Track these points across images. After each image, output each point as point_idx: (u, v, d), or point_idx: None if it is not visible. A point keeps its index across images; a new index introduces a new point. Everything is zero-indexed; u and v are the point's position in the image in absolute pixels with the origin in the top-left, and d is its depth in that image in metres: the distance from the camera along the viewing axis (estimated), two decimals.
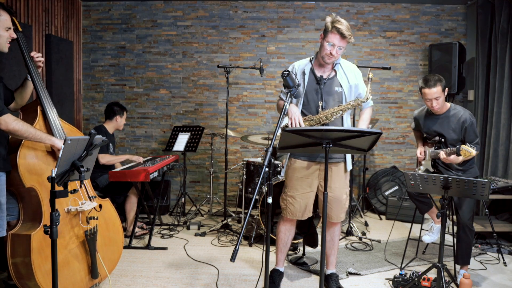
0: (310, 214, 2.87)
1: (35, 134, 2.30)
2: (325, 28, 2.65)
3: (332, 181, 2.77)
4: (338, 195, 2.79)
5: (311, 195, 2.81)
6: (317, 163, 2.76)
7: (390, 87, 5.40)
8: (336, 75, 2.76)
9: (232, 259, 1.91)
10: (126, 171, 3.48)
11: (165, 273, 3.19)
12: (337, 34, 2.58)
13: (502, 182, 3.85)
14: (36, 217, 2.39)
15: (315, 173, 2.77)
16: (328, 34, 2.61)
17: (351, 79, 2.76)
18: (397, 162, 5.43)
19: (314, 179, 2.78)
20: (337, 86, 2.73)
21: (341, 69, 2.77)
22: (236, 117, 5.44)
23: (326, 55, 2.65)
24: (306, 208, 2.82)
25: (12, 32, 2.31)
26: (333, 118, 2.67)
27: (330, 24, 2.60)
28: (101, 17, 5.43)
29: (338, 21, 2.59)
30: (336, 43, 2.60)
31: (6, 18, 2.26)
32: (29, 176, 2.33)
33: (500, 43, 4.40)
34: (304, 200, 2.79)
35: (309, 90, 2.74)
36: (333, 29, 2.58)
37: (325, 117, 2.66)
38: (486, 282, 3.13)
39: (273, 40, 5.34)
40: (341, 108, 2.66)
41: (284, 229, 2.93)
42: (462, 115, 3.01)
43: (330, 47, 2.61)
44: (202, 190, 5.51)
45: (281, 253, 2.99)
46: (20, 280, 2.34)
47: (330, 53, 2.62)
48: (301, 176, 2.78)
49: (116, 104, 4.18)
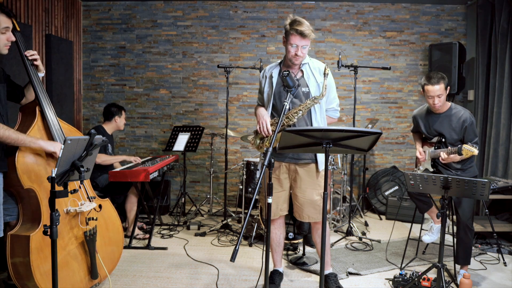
0: (284, 212, 2.88)
1: (18, 139, 2.25)
2: (285, 30, 2.66)
3: (302, 182, 2.77)
4: (308, 196, 2.78)
5: (281, 194, 2.83)
6: (286, 163, 2.79)
7: (390, 87, 5.40)
8: (303, 76, 2.75)
9: (232, 259, 1.91)
10: (126, 171, 3.48)
11: (165, 273, 3.19)
12: (297, 35, 2.58)
13: (502, 182, 3.85)
14: (35, 218, 2.39)
15: (285, 173, 2.80)
16: (289, 37, 2.62)
17: (319, 79, 2.73)
18: (397, 162, 5.43)
19: (284, 179, 2.81)
20: (303, 86, 2.72)
21: (309, 69, 2.75)
22: (236, 117, 5.44)
23: (293, 57, 2.65)
24: (277, 207, 2.84)
25: (10, 35, 2.27)
26: (294, 118, 2.66)
27: (289, 26, 2.61)
28: (101, 17, 5.43)
29: (297, 21, 2.59)
30: (299, 43, 2.60)
31: (3, 19, 2.22)
32: (27, 177, 2.33)
33: (500, 43, 4.40)
34: (275, 199, 2.80)
35: (276, 93, 2.75)
36: (292, 30, 2.59)
37: (287, 118, 2.66)
38: (486, 282, 3.13)
39: (273, 40, 5.34)
40: (299, 108, 2.66)
41: (273, 228, 2.93)
42: (463, 114, 3.01)
43: (294, 49, 2.62)
44: (202, 190, 5.51)
45: (276, 253, 3.00)
46: (19, 280, 2.34)
47: (295, 54, 2.63)
48: (273, 176, 2.77)
49: (113, 105, 4.18)
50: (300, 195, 2.79)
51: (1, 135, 2.20)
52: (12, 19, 2.29)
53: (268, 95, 2.81)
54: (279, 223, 2.94)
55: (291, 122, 2.66)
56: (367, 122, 5.33)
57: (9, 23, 2.27)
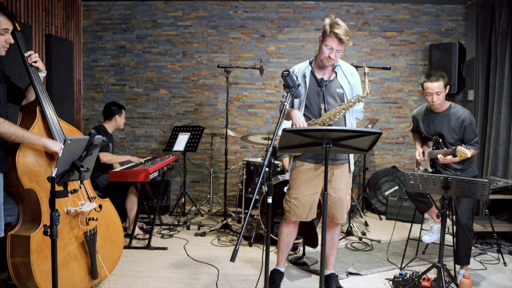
0: (314, 215, 2.87)
1: (23, 136, 2.26)
2: (323, 31, 2.64)
3: (337, 182, 2.78)
4: (342, 196, 2.80)
5: (316, 196, 2.82)
6: (323, 164, 2.75)
7: (390, 87, 5.39)
8: (336, 77, 2.76)
9: (232, 259, 1.91)
10: (126, 171, 3.48)
11: (165, 273, 3.19)
12: (335, 39, 2.57)
13: (502, 182, 3.85)
14: (36, 218, 2.39)
15: (321, 175, 2.77)
16: (326, 38, 2.61)
17: (351, 80, 2.78)
18: (397, 162, 5.43)
19: (320, 181, 2.79)
20: (338, 87, 2.74)
21: (341, 71, 2.78)
22: (236, 117, 5.44)
23: (325, 58, 2.65)
24: (310, 209, 2.83)
25: (9, 37, 2.26)
26: (336, 118, 2.67)
27: (329, 28, 2.59)
28: (101, 17, 5.43)
29: (337, 25, 2.58)
30: (335, 47, 2.60)
31: (2, 21, 2.20)
32: (28, 177, 2.33)
33: (500, 43, 4.40)
34: (309, 201, 2.79)
35: (311, 93, 2.74)
36: (331, 33, 2.58)
37: (328, 118, 2.66)
38: (486, 282, 3.13)
39: (273, 40, 5.34)
40: (342, 107, 2.66)
41: (286, 231, 2.92)
42: (462, 114, 3.01)
43: (329, 51, 2.62)
44: (202, 190, 5.51)
45: (283, 254, 2.99)
46: (19, 280, 2.34)
47: (328, 56, 2.63)
48: (307, 178, 2.78)
49: (113, 104, 4.18)
50: (334, 195, 2.77)
51: (7, 131, 2.20)
52: (13, 21, 2.28)
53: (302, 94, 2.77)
54: (295, 225, 2.93)
55: (332, 122, 2.66)
56: (367, 122, 5.32)
57: (9, 25, 2.25)
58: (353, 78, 2.79)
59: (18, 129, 2.26)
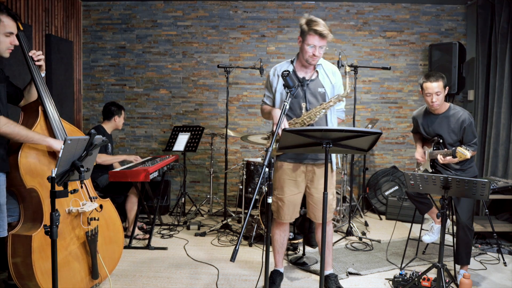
0: (297, 215, 2.88)
1: (27, 136, 2.27)
2: (301, 31, 2.63)
3: (319, 182, 2.77)
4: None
5: (298, 196, 2.83)
6: (304, 164, 2.77)
7: (390, 87, 5.40)
8: (318, 76, 2.75)
9: (232, 259, 1.91)
10: (127, 171, 3.48)
11: (165, 273, 3.19)
12: (316, 35, 2.56)
13: (502, 182, 3.85)
14: (37, 217, 2.39)
15: (302, 174, 2.79)
16: (306, 37, 2.59)
17: (332, 79, 2.76)
18: (397, 162, 5.43)
19: (301, 181, 2.80)
20: (320, 87, 2.72)
21: (323, 70, 2.76)
22: (236, 117, 5.44)
23: (310, 57, 2.64)
24: (294, 210, 2.84)
25: (14, 39, 2.27)
26: (316, 117, 2.65)
27: (307, 27, 2.58)
28: (101, 17, 5.43)
29: (314, 22, 2.57)
30: (317, 43, 2.59)
31: (8, 24, 2.21)
32: (30, 177, 2.33)
33: (500, 43, 4.40)
34: (292, 201, 2.80)
35: None
36: (310, 31, 2.56)
37: (308, 117, 2.65)
38: (486, 282, 3.13)
39: (273, 40, 5.34)
40: (323, 107, 2.64)
41: (278, 232, 2.93)
42: (462, 115, 3.01)
43: (312, 49, 2.61)
44: (202, 190, 5.51)
45: (279, 254, 3.00)
46: (20, 280, 2.34)
47: (313, 54, 2.62)
48: (289, 178, 2.78)
49: (113, 104, 4.17)
50: (316, 195, 2.78)
51: (11, 131, 2.21)
52: (17, 22, 2.29)
53: (281, 94, 2.77)
54: (287, 225, 2.94)
55: (312, 121, 2.65)
56: (367, 122, 5.33)
57: (14, 28, 2.26)
58: (335, 77, 2.77)
59: (22, 129, 2.27)
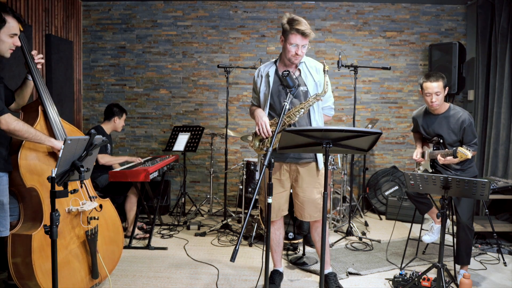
0: (285, 212, 2.88)
1: (35, 135, 2.30)
2: (283, 29, 2.62)
3: (303, 181, 2.77)
4: (308, 195, 2.78)
5: (283, 195, 2.83)
6: (287, 163, 2.78)
7: (390, 87, 5.40)
8: (300, 74, 2.73)
9: (232, 259, 1.91)
10: (126, 171, 3.48)
11: (165, 273, 3.19)
12: (298, 34, 2.56)
13: (502, 182, 3.85)
14: (37, 217, 2.39)
15: (286, 173, 2.80)
16: (289, 36, 2.59)
17: (316, 77, 2.73)
18: (397, 162, 5.43)
19: (286, 179, 2.80)
20: (302, 85, 2.69)
21: (306, 68, 2.74)
22: (236, 117, 5.44)
23: (293, 56, 2.63)
24: (279, 208, 2.84)
25: (17, 39, 2.28)
26: (296, 117, 2.63)
27: (289, 26, 2.57)
28: (101, 17, 5.43)
29: (296, 21, 2.56)
30: (299, 42, 2.58)
31: (13, 25, 2.23)
32: (30, 176, 2.34)
33: (500, 43, 4.40)
34: (277, 200, 2.80)
35: (274, 92, 2.73)
36: (292, 30, 2.56)
37: (288, 117, 2.63)
38: (486, 282, 3.13)
39: (273, 40, 5.34)
40: (301, 107, 2.63)
41: (273, 229, 2.93)
42: (461, 115, 3.01)
43: (295, 48, 2.59)
44: (202, 190, 5.51)
45: (276, 253, 3.00)
46: (20, 280, 2.34)
47: (295, 53, 2.61)
48: (274, 177, 2.78)
49: (116, 105, 4.17)
50: (301, 194, 2.79)
51: (20, 129, 2.22)
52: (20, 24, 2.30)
53: (265, 94, 2.77)
54: (279, 223, 2.95)
55: (292, 121, 2.64)
56: (367, 122, 5.33)
57: (18, 29, 2.28)
58: (318, 74, 2.73)
59: (30, 128, 2.29)
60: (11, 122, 2.20)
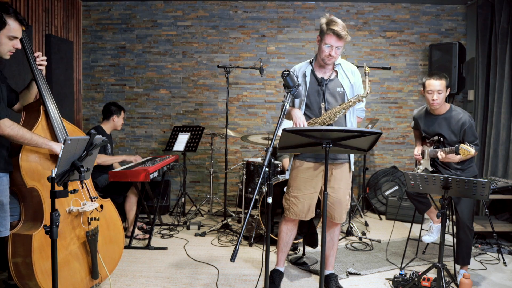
0: (313, 214, 2.87)
1: (31, 139, 2.28)
2: (320, 30, 2.65)
3: (336, 182, 2.78)
4: (341, 196, 2.79)
5: (314, 195, 2.82)
6: (323, 164, 2.75)
7: (390, 87, 5.40)
8: (337, 76, 2.76)
9: (232, 259, 1.91)
10: (127, 171, 3.48)
11: (165, 273, 3.19)
12: (334, 35, 2.58)
13: (502, 182, 3.85)
14: (37, 217, 2.39)
15: (320, 174, 2.78)
16: (324, 36, 2.61)
17: (351, 79, 2.78)
18: (397, 162, 5.43)
19: (319, 180, 2.79)
20: (338, 86, 2.74)
21: (342, 70, 2.78)
22: (236, 117, 5.44)
23: (326, 57, 2.66)
24: (309, 208, 2.83)
25: (17, 42, 2.27)
26: (336, 117, 2.66)
27: (326, 26, 2.60)
28: (101, 17, 5.43)
29: (333, 22, 2.59)
30: (334, 44, 2.60)
31: (14, 28, 2.21)
32: (31, 177, 2.34)
33: (500, 43, 4.40)
34: (308, 200, 2.80)
35: (311, 92, 2.74)
36: (328, 30, 2.58)
37: (328, 117, 2.66)
38: (486, 282, 3.13)
39: (273, 40, 5.34)
40: (342, 107, 2.65)
41: (286, 229, 2.93)
42: (462, 117, 3.01)
43: (329, 49, 2.62)
44: (202, 190, 5.51)
45: (282, 253, 2.99)
46: (20, 280, 2.34)
47: (329, 54, 2.63)
48: (306, 177, 2.78)
49: (114, 104, 4.17)
50: (333, 195, 2.77)
51: (15, 134, 2.22)
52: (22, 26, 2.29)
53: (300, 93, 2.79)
54: (294, 224, 2.93)
55: (332, 121, 2.66)
56: (367, 122, 5.33)
57: (19, 32, 2.26)
58: (354, 76, 2.79)
59: (26, 132, 2.28)
60: (6, 127, 2.19)
